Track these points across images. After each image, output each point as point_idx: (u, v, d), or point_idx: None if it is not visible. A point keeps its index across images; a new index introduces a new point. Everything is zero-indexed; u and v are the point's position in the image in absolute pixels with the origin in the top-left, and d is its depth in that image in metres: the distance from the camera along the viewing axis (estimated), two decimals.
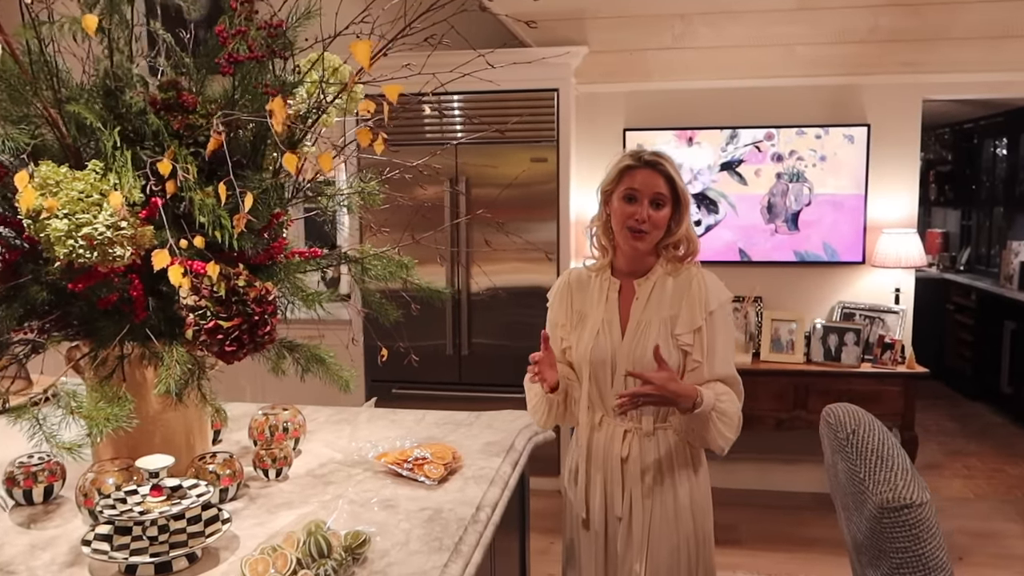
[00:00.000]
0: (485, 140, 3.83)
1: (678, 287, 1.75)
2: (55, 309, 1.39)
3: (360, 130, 1.29)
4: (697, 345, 1.71)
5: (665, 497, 1.75)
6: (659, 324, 1.72)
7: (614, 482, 1.77)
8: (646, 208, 1.70)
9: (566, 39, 3.75)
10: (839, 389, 3.57)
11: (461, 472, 1.70)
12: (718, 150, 3.88)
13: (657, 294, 1.76)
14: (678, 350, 1.71)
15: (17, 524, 1.46)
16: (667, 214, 1.73)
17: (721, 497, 3.96)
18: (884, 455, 1.19)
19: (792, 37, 3.64)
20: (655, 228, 1.72)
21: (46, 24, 1.31)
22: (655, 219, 1.71)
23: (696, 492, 1.79)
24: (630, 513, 1.76)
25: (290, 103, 1.60)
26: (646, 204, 1.70)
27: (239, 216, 1.19)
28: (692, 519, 1.76)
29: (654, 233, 1.73)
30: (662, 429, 1.75)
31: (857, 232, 3.81)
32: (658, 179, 1.71)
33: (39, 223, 1.16)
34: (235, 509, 1.51)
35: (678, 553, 1.75)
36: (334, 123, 1.77)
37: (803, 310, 3.85)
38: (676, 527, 1.75)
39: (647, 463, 1.75)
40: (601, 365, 1.75)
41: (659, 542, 1.74)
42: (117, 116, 1.36)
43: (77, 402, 1.19)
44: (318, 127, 1.72)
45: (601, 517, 1.79)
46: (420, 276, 1.93)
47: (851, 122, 3.78)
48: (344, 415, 2.18)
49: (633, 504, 1.75)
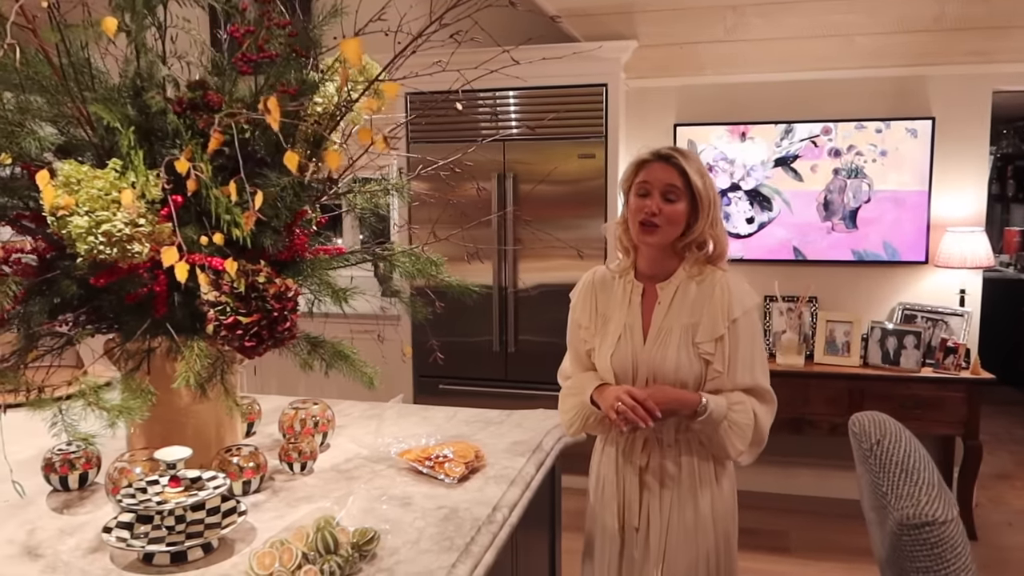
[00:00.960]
0: (532, 136, 3.81)
1: (702, 293, 1.69)
2: (85, 303, 1.43)
3: (361, 128, 1.28)
4: (719, 354, 1.64)
5: (684, 509, 1.70)
6: (680, 331, 1.67)
7: (632, 492, 1.73)
8: (657, 201, 1.65)
9: (615, 33, 3.69)
10: (898, 394, 3.42)
11: (483, 471, 1.69)
12: (772, 145, 3.76)
13: (680, 299, 1.70)
14: (699, 359, 1.66)
15: (52, 509, 1.52)
16: (682, 210, 1.67)
17: (772, 503, 3.89)
18: (909, 468, 1.12)
19: (851, 26, 3.49)
20: (668, 223, 1.66)
21: (76, 27, 1.35)
22: (667, 213, 1.65)
23: (719, 502, 1.73)
24: (647, 524, 1.72)
25: (317, 100, 1.62)
26: (657, 197, 1.66)
27: (248, 214, 1.20)
28: (713, 530, 1.71)
29: (667, 229, 1.67)
30: (684, 439, 1.70)
31: (920, 230, 3.64)
32: (671, 172, 1.66)
33: (61, 220, 1.20)
34: (257, 501, 1.54)
35: (697, 565, 1.70)
36: (363, 121, 1.78)
37: (861, 311, 3.70)
38: (696, 539, 1.70)
39: (667, 473, 1.71)
40: (623, 372, 1.71)
41: (676, 554, 1.70)
42: (141, 115, 1.40)
43: (97, 394, 1.22)
44: (348, 125, 1.74)
45: (617, 525, 1.76)
46: (449, 272, 1.93)
47: (914, 115, 3.61)
48: (377, 410, 2.20)
49: (651, 515, 1.71)
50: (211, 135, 1.39)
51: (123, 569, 1.27)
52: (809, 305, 3.74)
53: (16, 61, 1.29)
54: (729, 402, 1.62)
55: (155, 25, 1.58)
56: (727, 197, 3.85)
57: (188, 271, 1.35)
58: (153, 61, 1.53)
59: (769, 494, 3.94)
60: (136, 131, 1.41)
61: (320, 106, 1.61)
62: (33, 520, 1.46)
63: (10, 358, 1.38)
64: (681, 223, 1.68)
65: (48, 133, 1.49)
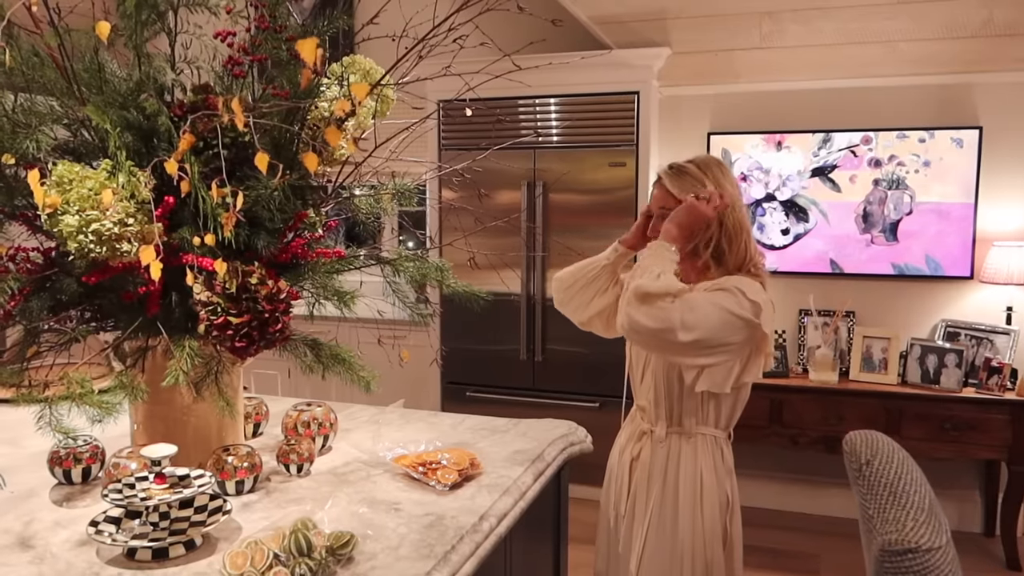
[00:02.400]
0: (563, 144, 3.79)
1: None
2: (86, 301, 1.47)
3: (329, 130, 1.28)
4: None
5: (664, 518, 1.69)
6: None
7: (622, 482, 1.78)
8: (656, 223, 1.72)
9: (648, 40, 3.66)
10: (937, 415, 3.28)
11: (478, 480, 1.67)
12: (809, 155, 3.66)
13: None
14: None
15: (53, 502, 1.55)
16: None
17: (803, 523, 3.77)
18: (898, 491, 1.06)
19: (894, 33, 3.39)
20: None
21: (80, 31, 1.38)
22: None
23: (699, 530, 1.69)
24: (632, 515, 1.75)
25: (321, 105, 1.64)
26: (657, 218, 1.73)
27: (228, 215, 1.21)
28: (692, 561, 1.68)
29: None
30: (675, 436, 1.71)
31: (965, 244, 3.50)
32: (662, 193, 1.71)
33: (52, 218, 1.23)
34: (249, 501, 1.55)
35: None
36: (370, 126, 1.79)
37: (901, 327, 3.57)
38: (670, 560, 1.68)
39: (654, 470, 1.72)
40: (637, 358, 1.80)
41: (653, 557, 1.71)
42: (144, 118, 1.42)
43: (82, 390, 1.24)
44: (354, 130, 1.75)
45: (611, 511, 1.82)
46: (456, 279, 1.92)
47: (960, 124, 3.48)
48: (384, 415, 2.20)
49: (636, 508, 1.74)
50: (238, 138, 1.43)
51: (106, 563, 1.29)
52: (846, 320, 3.62)
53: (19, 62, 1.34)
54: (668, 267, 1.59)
55: (164, 31, 1.62)
56: (761, 207, 3.76)
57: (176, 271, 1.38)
58: (159, 66, 1.57)
59: (800, 514, 3.82)
60: (137, 133, 1.45)
61: (325, 110, 1.62)
62: (32, 511, 1.50)
63: (12, 353, 1.42)
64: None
65: (60, 136, 1.55)
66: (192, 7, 1.62)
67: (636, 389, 1.85)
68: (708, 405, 1.68)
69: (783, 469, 3.86)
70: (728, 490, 1.75)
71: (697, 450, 1.70)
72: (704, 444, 1.70)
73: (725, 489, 1.74)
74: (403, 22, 1.62)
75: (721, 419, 1.71)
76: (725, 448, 1.75)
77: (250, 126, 1.18)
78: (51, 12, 1.27)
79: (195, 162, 1.26)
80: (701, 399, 1.66)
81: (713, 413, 1.69)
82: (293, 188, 1.50)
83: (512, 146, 2.78)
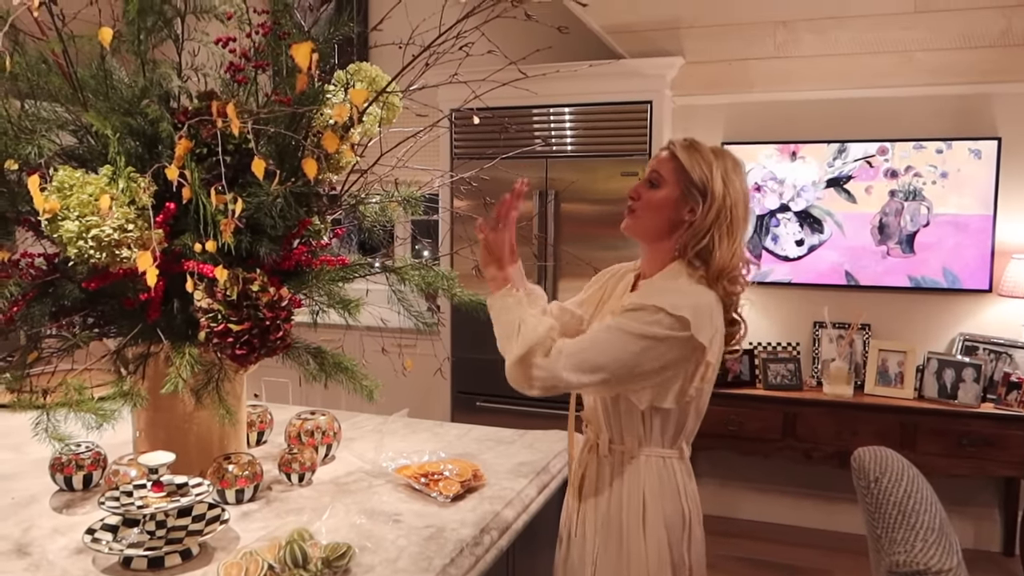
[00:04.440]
0: (575, 154, 3.78)
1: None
2: (87, 307, 1.46)
3: (327, 135, 1.27)
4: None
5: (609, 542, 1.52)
6: None
7: (572, 495, 1.62)
8: (639, 184, 1.52)
9: (661, 50, 3.63)
10: (954, 430, 3.22)
11: (480, 491, 1.65)
12: (824, 165, 3.62)
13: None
14: None
15: (53, 508, 1.55)
16: (663, 197, 1.48)
17: (815, 539, 3.71)
18: (908, 510, 1.03)
19: (910, 42, 3.34)
20: (644, 209, 1.50)
21: (84, 37, 1.39)
22: (645, 198, 1.50)
23: (642, 553, 1.49)
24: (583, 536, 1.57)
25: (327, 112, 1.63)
26: (643, 181, 1.53)
27: (226, 221, 1.20)
28: None
29: (642, 216, 1.51)
30: (619, 452, 1.52)
31: (983, 257, 3.43)
32: (662, 157, 1.51)
33: (52, 224, 1.23)
34: (248, 511, 1.54)
35: None
36: (376, 133, 1.78)
37: (917, 341, 3.51)
38: None
39: (600, 486, 1.54)
40: None
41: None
42: (149, 125, 1.42)
43: (81, 396, 1.24)
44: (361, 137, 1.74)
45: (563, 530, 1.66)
46: (463, 288, 1.91)
47: (978, 135, 3.42)
48: (390, 425, 2.18)
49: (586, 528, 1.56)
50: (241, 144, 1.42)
51: (102, 572, 1.28)
52: (861, 333, 3.56)
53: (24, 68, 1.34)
54: (539, 308, 1.49)
55: (171, 38, 1.62)
56: (775, 218, 3.72)
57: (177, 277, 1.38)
58: (165, 73, 1.57)
59: (812, 529, 3.75)
60: (141, 140, 1.45)
61: (329, 118, 1.62)
62: (32, 518, 1.49)
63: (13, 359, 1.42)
64: (662, 213, 1.49)
65: (68, 142, 1.55)
66: (199, 14, 1.62)
67: (585, 399, 1.63)
68: (653, 421, 1.49)
69: (796, 484, 3.80)
70: (682, 513, 1.52)
71: (640, 470, 1.50)
72: (648, 465, 1.50)
73: (676, 512, 1.51)
74: (411, 30, 1.61)
75: (667, 436, 1.50)
76: (678, 466, 1.53)
77: (249, 132, 1.17)
78: (55, 18, 1.27)
79: (196, 168, 1.25)
80: (644, 415, 1.48)
81: (659, 429, 1.49)
82: (296, 195, 1.49)
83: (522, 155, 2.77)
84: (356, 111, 1.28)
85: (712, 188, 1.48)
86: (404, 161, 1.85)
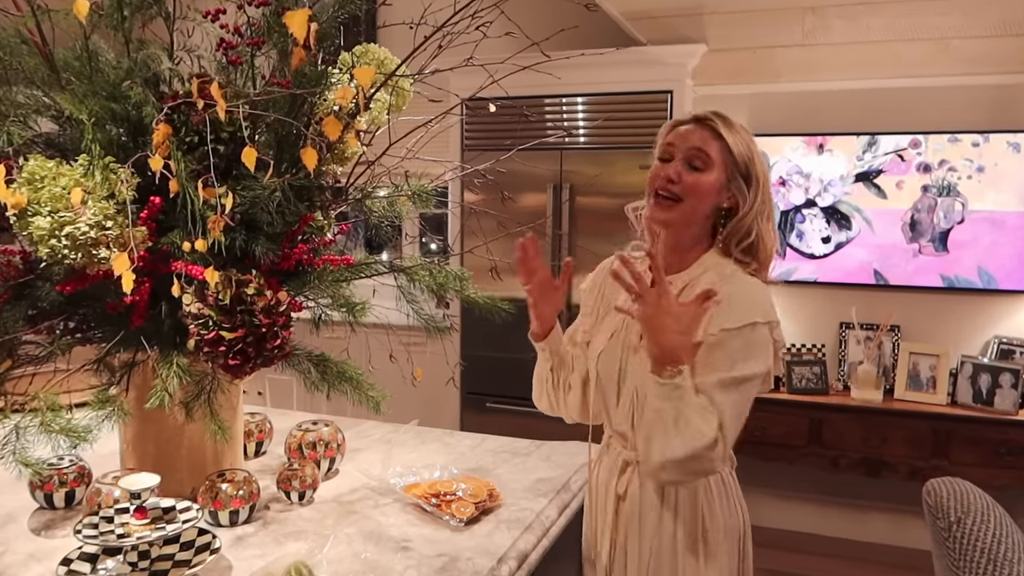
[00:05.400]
0: (590, 146, 3.63)
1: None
2: (67, 310, 1.33)
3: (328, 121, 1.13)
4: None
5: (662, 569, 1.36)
6: None
7: (605, 522, 1.43)
8: (678, 167, 1.30)
9: (682, 37, 3.47)
10: (990, 439, 3.06)
11: (496, 513, 1.51)
12: (853, 158, 3.46)
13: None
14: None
15: (31, 530, 1.42)
16: (712, 181, 1.30)
17: (842, 549, 3.56)
18: (998, 558, 0.88)
19: (946, 30, 3.17)
20: (690, 195, 1.30)
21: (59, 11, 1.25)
22: (689, 183, 1.29)
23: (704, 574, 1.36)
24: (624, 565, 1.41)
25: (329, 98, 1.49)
26: (680, 163, 1.31)
27: (215, 218, 1.06)
28: None
29: (688, 204, 1.31)
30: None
31: (1021, 256, 3.27)
32: (703, 135, 1.30)
33: (22, 220, 1.09)
34: (243, 534, 1.40)
35: None
36: (384, 121, 1.65)
37: (951, 343, 3.35)
38: None
39: (646, 507, 1.37)
40: (608, 378, 1.42)
41: None
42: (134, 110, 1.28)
43: (51, 413, 1.10)
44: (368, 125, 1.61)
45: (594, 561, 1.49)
46: (475, 288, 1.77)
47: (1017, 127, 3.25)
48: (398, 435, 2.05)
49: (628, 556, 1.39)
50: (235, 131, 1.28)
51: None
52: (890, 335, 3.41)
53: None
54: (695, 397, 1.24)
55: (160, 15, 1.48)
56: (801, 214, 3.56)
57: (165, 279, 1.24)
58: (154, 54, 1.42)
59: (838, 539, 3.60)
60: (125, 127, 1.31)
61: (333, 103, 1.48)
62: (7, 541, 1.36)
63: None
64: (708, 200, 1.31)
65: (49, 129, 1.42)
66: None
67: (611, 412, 1.45)
68: None
69: (822, 492, 3.65)
70: (739, 525, 1.40)
71: (698, 488, 1.35)
72: (707, 480, 1.36)
73: (735, 528, 1.39)
74: (423, 8, 1.47)
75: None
76: (734, 477, 1.42)
77: (241, 118, 1.03)
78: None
79: (186, 159, 1.11)
80: None
81: None
82: (297, 189, 1.36)
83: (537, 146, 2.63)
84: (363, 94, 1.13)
85: (756, 172, 1.33)
86: (415, 152, 1.71)
